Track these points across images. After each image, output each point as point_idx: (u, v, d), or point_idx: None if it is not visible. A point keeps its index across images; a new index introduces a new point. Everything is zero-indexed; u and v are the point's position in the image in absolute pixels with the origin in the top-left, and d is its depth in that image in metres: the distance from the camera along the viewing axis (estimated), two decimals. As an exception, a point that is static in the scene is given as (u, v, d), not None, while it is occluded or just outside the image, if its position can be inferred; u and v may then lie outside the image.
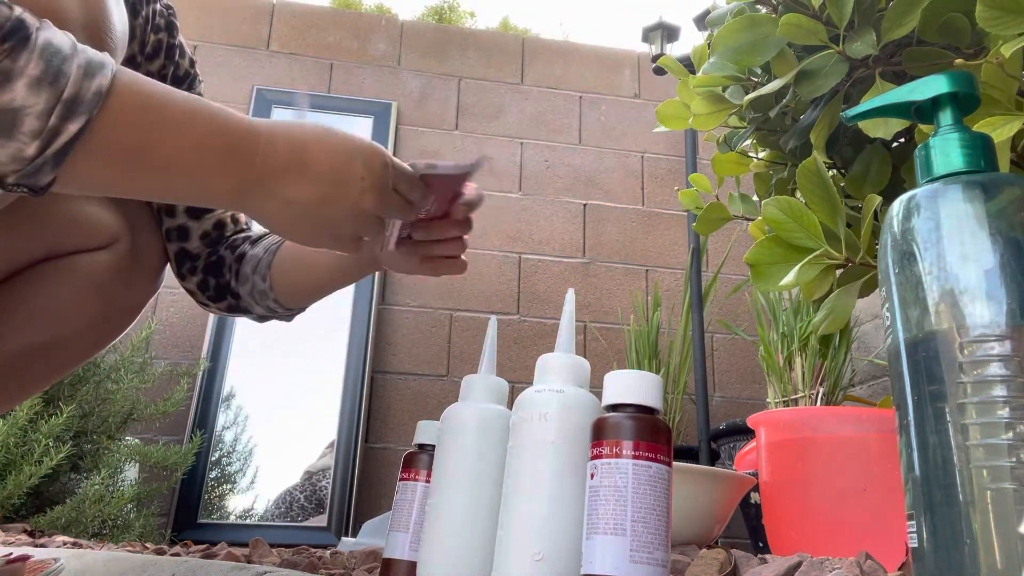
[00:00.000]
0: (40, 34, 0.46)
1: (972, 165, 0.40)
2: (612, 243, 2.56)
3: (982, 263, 0.37)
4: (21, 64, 0.45)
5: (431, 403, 2.28)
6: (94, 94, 0.48)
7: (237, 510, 2.14)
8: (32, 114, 0.46)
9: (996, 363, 0.35)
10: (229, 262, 0.83)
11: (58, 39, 0.47)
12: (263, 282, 0.81)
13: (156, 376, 1.91)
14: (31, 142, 0.46)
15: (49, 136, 0.47)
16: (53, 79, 0.46)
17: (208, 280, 0.84)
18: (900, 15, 0.69)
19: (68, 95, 0.47)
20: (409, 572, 0.59)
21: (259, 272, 0.81)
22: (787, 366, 1.36)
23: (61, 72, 0.46)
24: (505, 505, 0.49)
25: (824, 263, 0.73)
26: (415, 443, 0.65)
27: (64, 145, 0.47)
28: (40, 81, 0.46)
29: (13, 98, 0.45)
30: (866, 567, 0.58)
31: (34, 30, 0.46)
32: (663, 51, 2.52)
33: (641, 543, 0.42)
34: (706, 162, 2.46)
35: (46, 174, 0.48)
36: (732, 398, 2.45)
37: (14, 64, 0.45)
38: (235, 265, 0.83)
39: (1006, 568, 0.33)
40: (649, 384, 0.47)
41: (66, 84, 0.47)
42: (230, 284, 0.83)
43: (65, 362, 0.81)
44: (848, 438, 0.98)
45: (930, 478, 0.36)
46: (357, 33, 2.66)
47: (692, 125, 0.95)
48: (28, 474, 1.48)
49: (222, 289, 0.84)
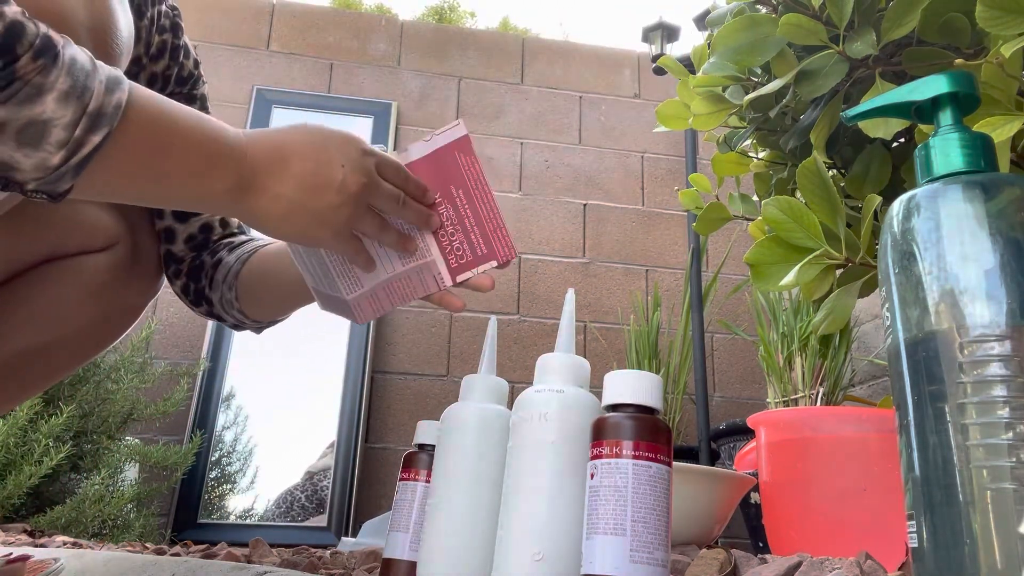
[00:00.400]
0: (66, 51, 0.49)
1: (972, 165, 0.40)
2: (612, 243, 2.56)
3: (982, 263, 0.37)
4: (52, 79, 0.48)
5: (431, 403, 2.28)
6: (114, 107, 0.50)
7: (237, 510, 2.14)
8: (59, 125, 0.48)
9: (996, 363, 0.35)
10: (207, 267, 0.83)
11: (81, 56, 0.50)
12: (229, 292, 0.81)
13: (156, 376, 1.91)
14: (56, 152, 0.49)
15: (74, 147, 0.49)
16: (80, 94, 0.49)
17: (189, 284, 0.84)
18: (900, 15, 0.69)
19: (92, 108, 0.49)
20: (409, 572, 0.59)
21: (227, 282, 0.81)
22: (787, 366, 1.36)
23: (87, 87, 0.49)
24: (505, 505, 0.49)
25: (824, 263, 0.73)
26: (415, 443, 0.65)
27: (87, 155, 0.50)
28: (68, 95, 0.48)
29: (44, 110, 0.47)
30: (866, 567, 0.58)
31: (61, 47, 0.49)
32: (663, 51, 2.52)
33: (641, 543, 0.42)
34: (706, 162, 2.46)
35: (66, 182, 0.51)
36: (732, 398, 2.45)
37: (45, 80, 0.47)
38: (211, 271, 0.83)
39: (1006, 568, 0.33)
40: (649, 384, 0.47)
41: (91, 98, 0.49)
42: (204, 290, 0.83)
43: (66, 363, 0.81)
44: (848, 438, 0.98)
45: (930, 478, 0.36)
46: (357, 33, 2.67)
47: (692, 125, 0.95)
48: (28, 474, 1.48)
49: (199, 294, 0.84)
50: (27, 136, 0.48)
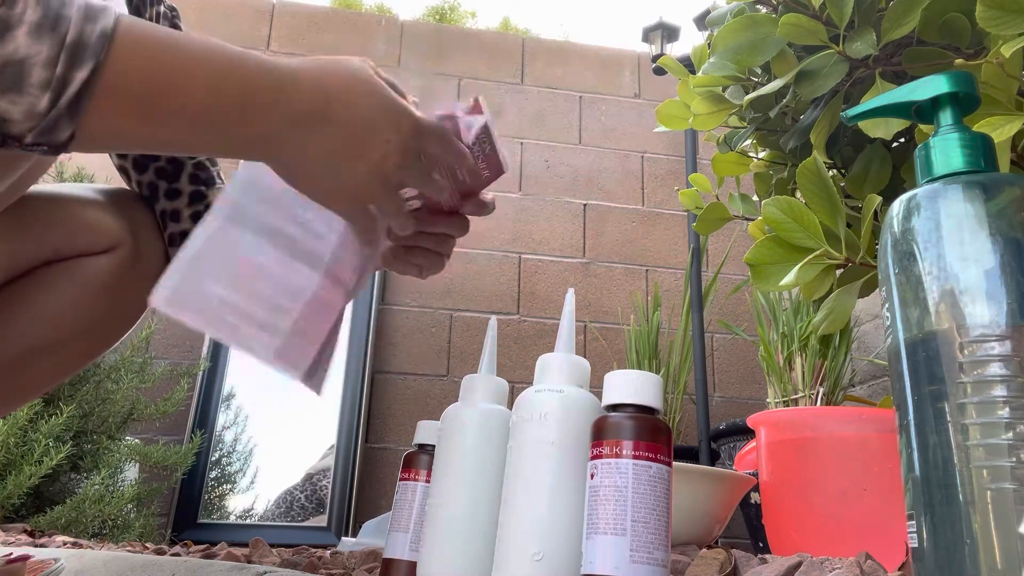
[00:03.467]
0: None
1: (972, 165, 0.40)
2: (612, 243, 2.56)
3: (982, 263, 0.37)
4: (18, 11, 0.42)
5: (431, 403, 2.28)
6: (98, 37, 0.45)
7: (237, 510, 2.13)
8: (38, 64, 0.43)
9: (996, 363, 0.35)
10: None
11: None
12: None
13: (156, 376, 1.91)
14: (42, 94, 0.44)
15: (59, 86, 0.44)
16: (54, 24, 0.44)
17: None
18: (900, 15, 0.69)
19: (71, 40, 0.44)
20: (409, 572, 0.59)
21: None
22: (787, 366, 1.36)
23: (61, 16, 0.44)
24: (505, 505, 0.49)
25: (824, 263, 0.73)
26: (415, 443, 0.65)
27: (76, 94, 0.45)
28: (40, 27, 0.43)
29: (16, 48, 0.43)
30: (866, 567, 0.58)
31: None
32: (663, 51, 2.52)
33: (641, 543, 0.42)
34: (706, 162, 2.46)
35: (64, 129, 0.46)
36: (732, 398, 2.45)
37: (11, 11, 0.42)
38: None
39: (1006, 568, 0.33)
40: (649, 384, 0.47)
41: (68, 28, 0.44)
42: None
43: (67, 365, 0.81)
44: (848, 438, 0.98)
45: (930, 478, 0.36)
46: (357, 33, 2.66)
47: (692, 125, 0.95)
48: (28, 474, 1.48)
49: None
50: (7, 80, 0.43)
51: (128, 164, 0.84)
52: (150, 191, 0.84)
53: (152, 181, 0.83)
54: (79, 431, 1.70)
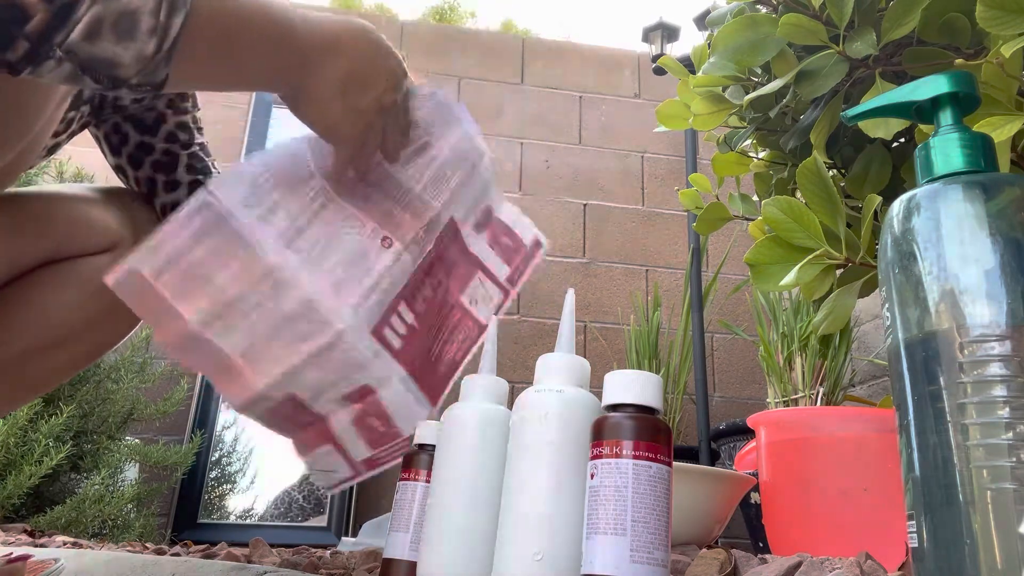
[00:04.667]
0: None
1: (972, 165, 0.40)
2: (612, 243, 2.56)
3: (982, 263, 0.37)
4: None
5: (431, 403, 2.28)
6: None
7: (237, 510, 2.14)
8: (146, 12, 0.48)
9: (996, 363, 0.35)
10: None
11: None
12: None
13: (156, 376, 1.91)
14: (150, 40, 0.49)
15: (162, 33, 0.50)
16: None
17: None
18: (900, 15, 0.69)
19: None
20: (409, 572, 0.59)
21: None
22: (787, 366, 1.36)
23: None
24: (505, 505, 0.49)
25: (824, 263, 0.73)
26: (415, 443, 0.65)
27: (174, 40, 0.50)
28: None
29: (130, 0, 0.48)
30: (866, 567, 0.58)
31: None
32: (663, 51, 2.52)
33: (641, 543, 0.42)
34: (706, 162, 2.46)
35: (161, 70, 0.51)
36: (732, 398, 2.45)
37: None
38: None
39: (1006, 568, 0.33)
40: (649, 384, 0.47)
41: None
42: None
43: (67, 366, 0.81)
44: (848, 438, 0.98)
45: (930, 478, 0.36)
46: (357, 33, 2.66)
47: (692, 125, 0.95)
48: (28, 474, 1.48)
49: None
50: (122, 29, 0.48)
51: (124, 162, 0.84)
52: (148, 186, 0.84)
53: (150, 176, 0.84)
54: (79, 431, 1.71)
